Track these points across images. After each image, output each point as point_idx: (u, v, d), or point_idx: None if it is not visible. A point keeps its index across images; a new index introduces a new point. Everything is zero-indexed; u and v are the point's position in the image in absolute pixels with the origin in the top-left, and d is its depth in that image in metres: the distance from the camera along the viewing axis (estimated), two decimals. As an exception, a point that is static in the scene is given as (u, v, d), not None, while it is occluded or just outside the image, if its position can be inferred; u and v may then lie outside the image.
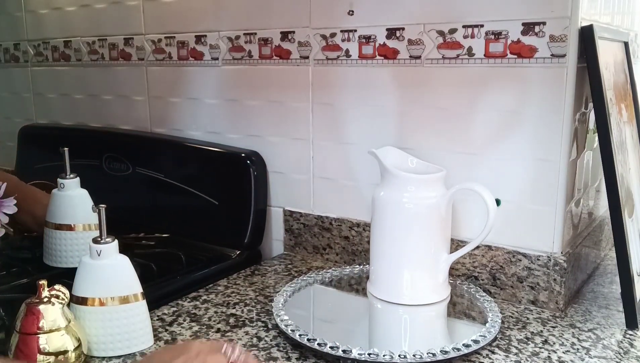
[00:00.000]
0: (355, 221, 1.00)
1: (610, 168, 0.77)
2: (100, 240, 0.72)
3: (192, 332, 0.77)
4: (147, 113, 1.27)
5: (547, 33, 0.79)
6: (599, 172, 0.96)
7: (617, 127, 0.84)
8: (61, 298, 0.67)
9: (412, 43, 0.90)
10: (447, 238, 0.83)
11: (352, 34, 0.95)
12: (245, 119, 1.10)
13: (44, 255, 1.00)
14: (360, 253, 1.00)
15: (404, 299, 0.82)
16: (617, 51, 0.94)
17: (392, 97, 0.93)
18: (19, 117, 1.56)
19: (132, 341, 0.72)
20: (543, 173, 0.83)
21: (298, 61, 1.02)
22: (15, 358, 0.65)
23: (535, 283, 0.84)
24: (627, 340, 0.75)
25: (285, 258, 1.06)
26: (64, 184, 0.98)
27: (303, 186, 1.05)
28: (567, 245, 0.85)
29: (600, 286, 0.93)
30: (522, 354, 0.71)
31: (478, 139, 0.87)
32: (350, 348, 0.68)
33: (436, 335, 0.81)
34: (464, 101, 0.87)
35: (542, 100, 0.81)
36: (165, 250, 1.06)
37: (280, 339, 0.75)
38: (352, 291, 0.91)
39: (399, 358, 0.67)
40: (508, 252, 0.86)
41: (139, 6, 1.22)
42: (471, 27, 0.85)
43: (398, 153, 0.87)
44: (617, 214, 0.77)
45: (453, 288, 0.86)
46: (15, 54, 1.53)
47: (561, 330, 0.78)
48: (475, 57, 0.85)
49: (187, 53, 1.16)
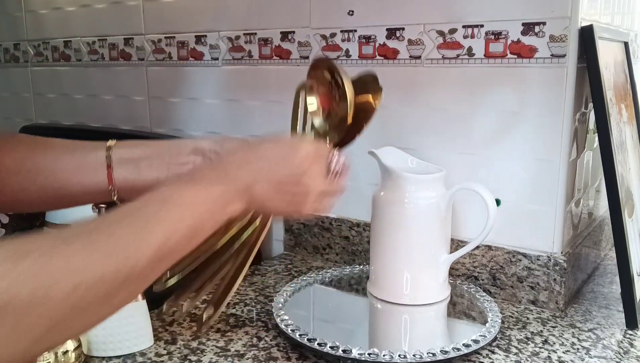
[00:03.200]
0: (355, 221, 1.00)
1: (610, 168, 0.78)
2: (100, 240, 0.72)
3: (192, 331, 0.77)
4: (147, 113, 1.27)
5: (547, 33, 0.79)
6: (599, 172, 0.96)
7: (617, 127, 0.84)
8: (61, 298, 0.67)
9: (412, 43, 0.90)
10: (447, 238, 0.83)
11: (352, 34, 0.95)
12: (245, 119, 1.10)
13: (44, 255, 1.00)
14: (360, 253, 1.00)
15: (404, 299, 0.82)
16: (617, 51, 0.94)
17: (392, 97, 0.93)
18: (19, 117, 1.56)
19: (132, 341, 0.72)
20: (543, 173, 0.83)
21: (298, 61, 1.02)
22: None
23: (535, 283, 0.84)
24: (627, 340, 0.76)
25: (285, 258, 1.06)
26: (64, 184, 0.98)
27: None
28: (567, 245, 0.85)
29: (600, 286, 0.93)
30: (522, 354, 0.71)
31: (478, 139, 0.87)
32: (350, 348, 0.68)
33: (436, 335, 0.81)
34: (464, 101, 0.87)
35: (542, 100, 0.81)
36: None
37: (280, 339, 0.75)
38: (352, 291, 0.91)
39: (399, 358, 0.67)
40: (508, 252, 0.86)
41: (139, 6, 1.22)
42: (471, 27, 0.85)
43: (398, 153, 0.87)
44: (617, 214, 0.77)
45: (453, 288, 0.86)
46: (15, 54, 1.53)
47: (561, 330, 0.78)
48: (475, 57, 0.85)
49: (187, 53, 1.16)
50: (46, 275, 0.35)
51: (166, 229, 0.43)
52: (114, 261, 0.39)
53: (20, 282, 0.34)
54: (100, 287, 0.38)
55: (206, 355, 0.71)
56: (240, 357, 0.71)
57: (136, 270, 0.40)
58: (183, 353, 0.72)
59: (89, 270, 0.37)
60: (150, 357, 0.71)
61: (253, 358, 0.71)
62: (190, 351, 0.72)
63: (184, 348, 0.73)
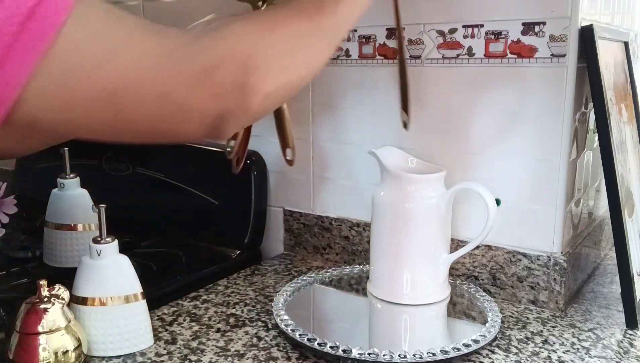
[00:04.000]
0: (355, 221, 1.00)
1: (610, 168, 0.77)
2: (100, 239, 0.72)
3: (192, 331, 0.77)
4: (147, 113, 1.26)
5: (547, 33, 0.79)
6: (599, 172, 0.96)
7: (617, 127, 0.84)
8: (61, 298, 0.67)
9: (412, 43, 0.90)
10: (447, 238, 0.83)
11: (352, 33, 0.95)
12: (245, 119, 1.10)
13: (44, 255, 1.00)
14: (360, 253, 1.00)
15: (404, 299, 0.82)
16: (617, 51, 0.94)
17: (392, 97, 0.93)
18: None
19: (132, 341, 0.72)
20: (543, 173, 0.83)
21: (298, 61, 1.02)
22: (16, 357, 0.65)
23: (535, 283, 0.84)
24: (627, 340, 0.76)
25: (285, 258, 1.06)
26: (64, 184, 0.98)
27: (303, 186, 1.05)
28: (567, 244, 0.85)
29: (600, 286, 0.93)
30: (522, 354, 0.71)
31: (478, 139, 0.87)
32: (350, 348, 0.68)
33: (436, 335, 0.81)
34: (463, 101, 0.87)
35: (542, 100, 0.81)
36: (165, 250, 1.06)
37: (280, 339, 0.75)
38: (352, 291, 0.91)
39: (399, 358, 0.67)
40: (508, 252, 0.86)
41: (139, 6, 1.22)
42: (471, 27, 0.85)
43: (398, 153, 0.87)
44: (617, 214, 0.77)
45: (453, 288, 0.86)
46: (15, 54, 1.53)
47: (561, 329, 0.78)
48: (475, 57, 0.85)
49: (187, 53, 1.16)
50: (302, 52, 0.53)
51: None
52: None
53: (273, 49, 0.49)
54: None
55: (206, 355, 0.71)
56: (240, 357, 0.71)
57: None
58: (183, 353, 0.72)
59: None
60: (150, 357, 0.71)
61: (253, 358, 0.71)
62: (190, 351, 0.72)
63: (184, 348, 0.73)
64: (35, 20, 0.35)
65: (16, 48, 0.35)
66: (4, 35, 0.34)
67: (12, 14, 0.34)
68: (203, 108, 0.44)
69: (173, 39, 0.45)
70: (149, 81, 0.41)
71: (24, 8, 0.34)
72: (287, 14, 0.53)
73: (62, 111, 0.39)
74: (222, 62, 0.45)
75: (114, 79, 0.40)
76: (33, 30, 0.35)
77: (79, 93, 0.39)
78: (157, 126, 0.44)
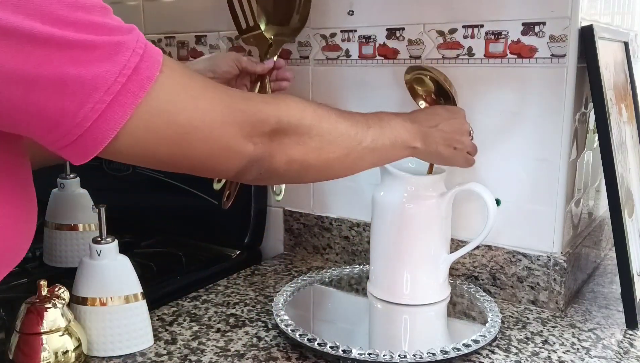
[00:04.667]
0: (355, 221, 1.00)
1: (610, 168, 0.77)
2: (100, 240, 0.72)
3: (192, 331, 0.77)
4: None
5: (547, 33, 0.79)
6: (599, 172, 0.96)
7: (617, 127, 0.84)
8: (61, 298, 0.67)
9: (412, 43, 0.90)
10: (447, 238, 0.83)
11: (352, 34, 0.95)
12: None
13: (44, 255, 1.00)
14: (360, 253, 1.00)
15: (404, 299, 0.82)
16: (617, 51, 0.94)
17: (392, 97, 0.93)
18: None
19: (132, 341, 0.72)
20: (543, 173, 0.83)
21: (298, 61, 1.02)
22: (16, 357, 0.65)
23: (535, 283, 0.84)
24: (627, 340, 0.76)
25: (285, 258, 1.06)
26: (64, 184, 0.98)
27: (303, 186, 1.05)
28: (567, 245, 0.85)
29: (600, 286, 0.93)
30: (522, 354, 0.71)
31: (478, 139, 0.86)
32: (350, 348, 0.68)
33: (436, 335, 0.81)
34: (463, 101, 0.87)
35: (542, 100, 0.81)
36: (165, 250, 1.06)
37: (280, 339, 0.75)
38: (352, 291, 0.91)
39: (399, 358, 0.67)
40: (508, 252, 0.86)
41: (139, 6, 1.22)
42: (471, 27, 0.85)
43: (398, 153, 0.87)
44: (617, 214, 0.77)
45: (453, 288, 0.86)
46: (15, 54, 1.53)
47: (561, 330, 0.78)
48: (475, 58, 0.85)
49: (187, 53, 1.16)
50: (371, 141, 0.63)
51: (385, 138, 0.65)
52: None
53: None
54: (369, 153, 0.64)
55: (206, 355, 0.71)
56: (240, 357, 0.71)
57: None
58: (183, 353, 0.72)
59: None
60: (150, 357, 0.71)
61: (253, 358, 0.71)
62: (190, 351, 0.72)
63: (184, 348, 0.73)
64: (139, 73, 0.43)
65: (123, 94, 0.42)
66: (116, 85, 0.42)
67: (123, 67, 0.42)
68: (243, 151, 0.51)
69: (234, 91, 0.56)
70: (216, 123, 0.49)
71: (132, 63, 0.43)
72: (342, 114, 0.62)
73: (144, 147, 0.46)
74: (270, 118, 0.53)
75: (192, 120, 0.48)
76: (136, 81, 0.43)
77: (162, 133, 0.46)
78: (206, 161, 0.51)
